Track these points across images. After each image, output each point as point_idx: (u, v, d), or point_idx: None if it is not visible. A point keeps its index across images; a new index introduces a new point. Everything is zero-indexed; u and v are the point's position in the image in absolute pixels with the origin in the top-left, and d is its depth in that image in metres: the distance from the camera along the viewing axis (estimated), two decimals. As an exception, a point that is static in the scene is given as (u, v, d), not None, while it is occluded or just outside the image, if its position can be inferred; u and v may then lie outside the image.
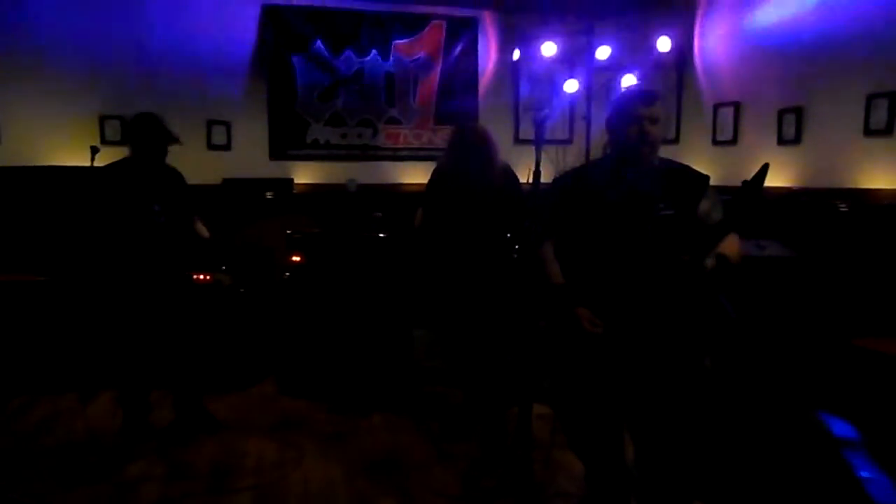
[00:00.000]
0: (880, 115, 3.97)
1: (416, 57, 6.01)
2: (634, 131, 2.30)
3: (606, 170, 2.43)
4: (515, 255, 3.69)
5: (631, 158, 2.35)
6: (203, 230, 3.65)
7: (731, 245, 2.23)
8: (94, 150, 3.40)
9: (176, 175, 3.55)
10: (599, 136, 2.45)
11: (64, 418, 3.78)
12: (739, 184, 1.99)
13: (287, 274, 4.42)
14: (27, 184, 4.87)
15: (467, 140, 3.51)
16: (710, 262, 2.17)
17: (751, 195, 1.98)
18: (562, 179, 2.58)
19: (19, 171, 4.94)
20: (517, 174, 3.62)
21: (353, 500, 2.93)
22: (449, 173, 3.58)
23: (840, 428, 2.81)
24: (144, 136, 3.34)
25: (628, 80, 5.40)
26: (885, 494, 2.54)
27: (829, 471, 2.68)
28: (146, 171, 3.37)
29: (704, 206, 2.29)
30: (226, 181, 5.57)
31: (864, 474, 2.61)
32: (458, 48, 6.10)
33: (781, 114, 4.69)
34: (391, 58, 5.95)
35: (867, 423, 2.77)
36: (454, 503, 2.90)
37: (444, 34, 6.05)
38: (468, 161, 3.45)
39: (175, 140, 3.40)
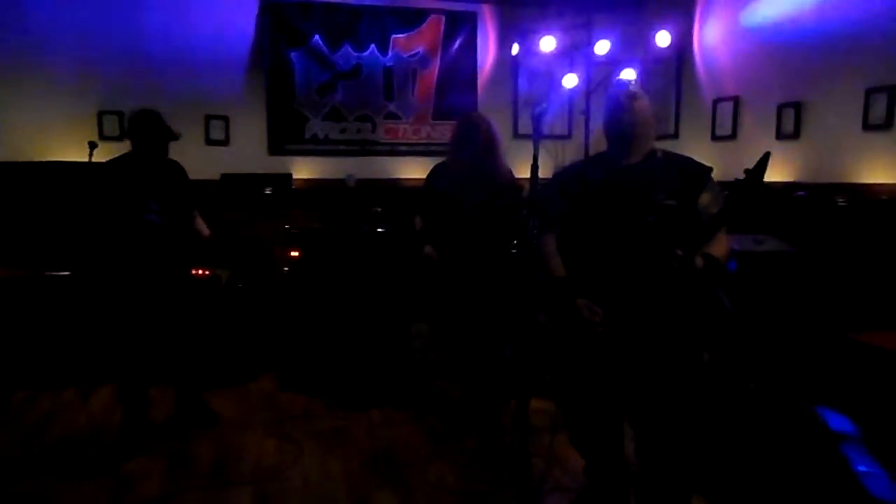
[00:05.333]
0: (879, 110, 3.97)
1: (414, 51, 6.00)
2: (616, 108, 2.35)
3: (606, 162, 2.44)
4: (514, 251, 3.70)
5: (626, 151, 2.36)
6: (203, 228, 3.62)
7: (718, 244, 2.25)
8: (92, 146, 3.40)
9: (177, 169, 3.52)
10: (598, 130, 2.44)
11: (65, 413, 3.79)
12: (739, 178, 2.01)
13: (286, 269, 4.42)
14: (26, 179, 4.87)
15: (474, 126, 3.50)
16: (699, 261, 2.18)
17: (753, 183, 1.99)
18: (563, 173, 2.60)
19: (18, 167, 4.94)
20: (516, 169, 3.63)
21: (352, 494, 2.94)
22: (456, 161, 3.57)
23: (837, 422, 2.82)
24: (146, 132, 3.32)
25: (627, 75, 5.39)
26: (883, 488, 2.54)
27: (827, 465, 2.69)
28: (145, 167, 3.36)
29: (704, 199, 2.29)
30: (224, 176, 5.56)
31: (862, 468, 2.62)
32: (457, 43, 6.09)
33: (781, 108, 4.69)
34: (390, 52, 5.93)
35: (865, 417, 2.78)
36: (453, 497, 2.91)
37: (442, 28, 6.04)
38: (475, 147, 3.45)
39: (175, 137, 3.40)
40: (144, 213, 3.29)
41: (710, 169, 2.36)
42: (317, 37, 5.76)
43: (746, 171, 2.02)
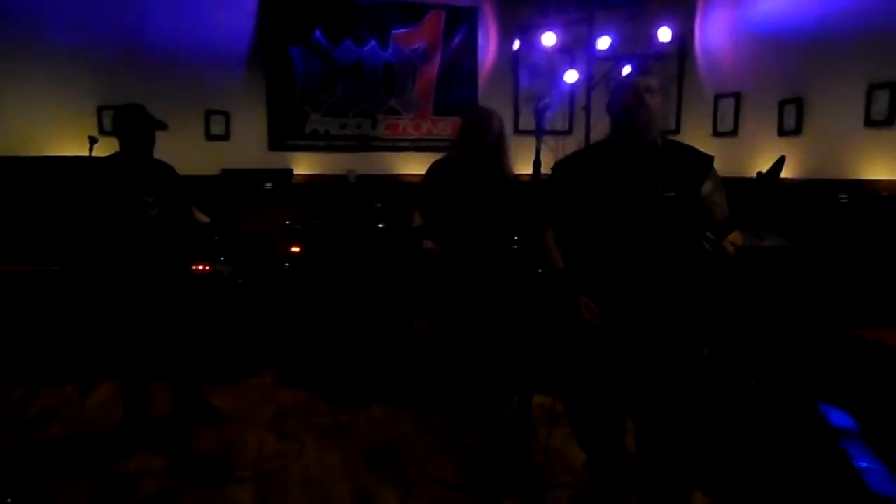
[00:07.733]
0: (881, 106, 3.97)
1: (415, 47, 5.98)
2: (632, 100, 2.27)
3: (606, 153, 2.40)
4: (516, 246, 3.69)
5: (631, 135, 2.31)
6: (202, 216, 3.62)
7: (734, 238, 2.24)
8: (93, 141, 3.40)
9: (167, 168, 3.52)
10: (599, 126, 2.43)
11: (64, 410, 3.79)
12: (740, 174, 2.00)
13: (286, 264, 4.42)
14: (26, 174, 4.86)
15: (486, 118, 3.48)
16: (730, 248, 2.17)
17: (767, 187, 1.97)
18: (562, 165, 2.53)
19: (18, 162, 4.93)
20: (517, 165, 3.62)
21: (353, 490, 2.94)
22: (462, 155, 3.55)
23: (838, 418, 2.82)
24: (132, 126, 3.30)
25: (629, 71, 5.38)
26: (883, 484, 2.54)
27: (827, 460, 2.69)
28: (137, 163, 3.34)
29: (707, 187, 2.28)
30: (224, 172, 5.55)
31: (862, 464, 2.62)
32: (458, 38, 6.07)
33: (782, 104, 4.68)
34: (390, 48, 5.92)
35: (866, 413, 2.78)
36: (453, 493, 2.91)
37: (443, 24, 6.02)
38: (487, 140, 3.43)
39: (162, 126, 3.36)
40: (141, 205, 3.28)
41: (712, 158, 2.34)
42: (317, 32, 5.74)
43: (759, 175, 1.98)
